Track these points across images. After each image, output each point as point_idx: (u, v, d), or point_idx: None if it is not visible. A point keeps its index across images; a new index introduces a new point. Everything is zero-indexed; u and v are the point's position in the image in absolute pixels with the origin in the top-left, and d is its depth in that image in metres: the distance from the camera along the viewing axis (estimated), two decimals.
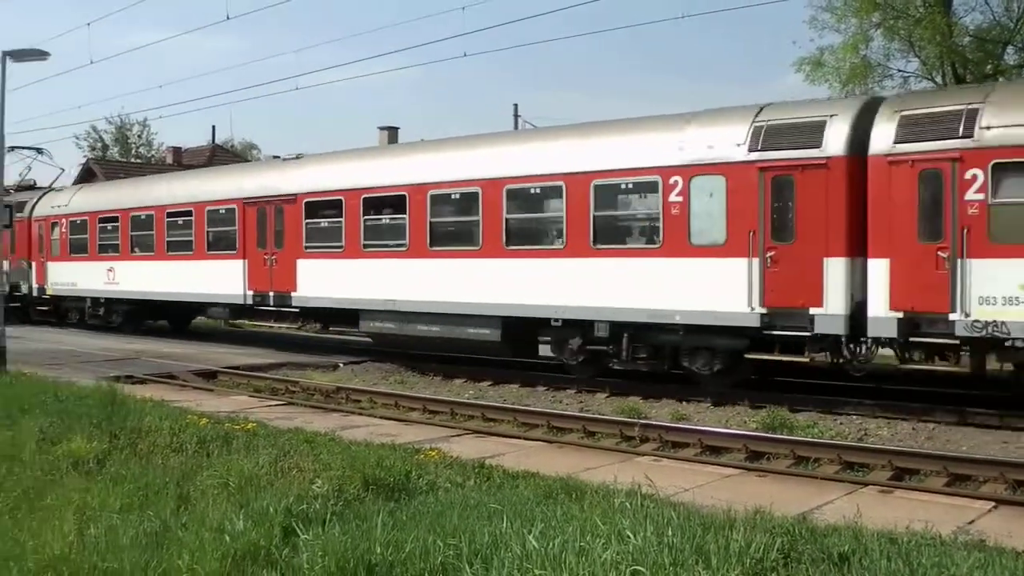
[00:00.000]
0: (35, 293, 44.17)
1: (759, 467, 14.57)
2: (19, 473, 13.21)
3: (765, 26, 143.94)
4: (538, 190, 24.12)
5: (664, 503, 10.04)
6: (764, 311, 19.74)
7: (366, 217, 27.71)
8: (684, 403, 20.44)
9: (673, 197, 21.05)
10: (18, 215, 44.41)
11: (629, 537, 8.20)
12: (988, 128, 17.31)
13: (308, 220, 29.44)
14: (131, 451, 14.18)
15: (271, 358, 28.75)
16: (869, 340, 19.38)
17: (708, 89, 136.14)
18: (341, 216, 28.32)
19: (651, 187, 21.57)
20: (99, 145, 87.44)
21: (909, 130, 18.28)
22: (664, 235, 21.29)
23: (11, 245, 42.90)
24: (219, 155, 72.11)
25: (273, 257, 30.65)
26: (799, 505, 11.29)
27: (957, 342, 17.94)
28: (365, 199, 27.68)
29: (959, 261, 17.45)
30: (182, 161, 69.12)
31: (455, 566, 8.09)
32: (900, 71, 44.25)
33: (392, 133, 55.27)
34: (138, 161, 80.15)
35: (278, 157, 34.64)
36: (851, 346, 19.84)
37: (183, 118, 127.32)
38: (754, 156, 20.00)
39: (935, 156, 17.84)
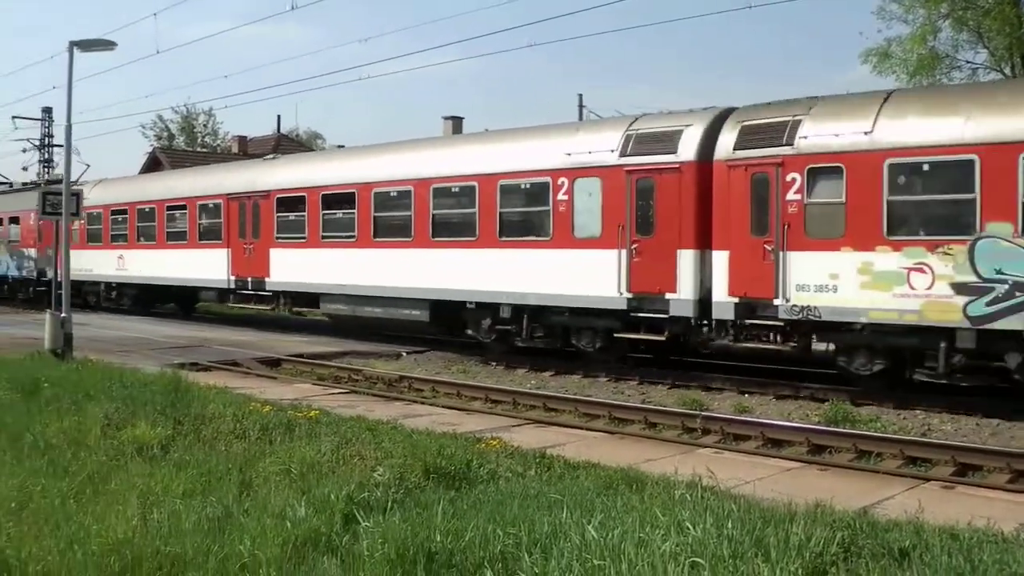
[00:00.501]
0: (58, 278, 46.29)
1: (821, 460, 14.48)
2: (84, 458, 13.33)
3: (816, 23, 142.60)
4: (457, 189, 27.71)
5: (724, 495, 10.01)
6: (631, 296, 23.24)
7: (324, 212, 31.89)
8: (746, 396, 20.41)
9: (560, 196, 24.75)
10: None
11: (689, 529, 8.19)
12: (805, 137, 20.35)
13: (279, 214, 33.82)
14: (195, 437, 14.29)
15: (334, 346, 28.96)
16: (714, 322, 22.15)
17: (759, 87, 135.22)
18: (304, 210, 32.70)
19: (544, 187, 25.17)
20: (165, 134, 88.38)
21: (746, 138, 21.45)
22: (553, 229, 24.90)
23: (38, 235, 48.24)
24: (284, 144, 72.46)
25: (251, 246, 35.10)
26: (860, 499, 11.23)
27: (782, 323, 20.92)
28: (323, 195, 31.93)
29: (781, 253, 20.53)
30: (247, 150, 69.53)
31: (514, 555, 8.11)
32: (968, 62, 43.82)
33: (457, 123, 55.06)
34: (204, 150, 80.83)
35: (341, 147, 36.71)
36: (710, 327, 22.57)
37: (249, 108, 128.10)
38: (623, 161, 23.53)
39: (764, 161, 20.93)
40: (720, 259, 21.65)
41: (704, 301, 22.02)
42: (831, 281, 19.93)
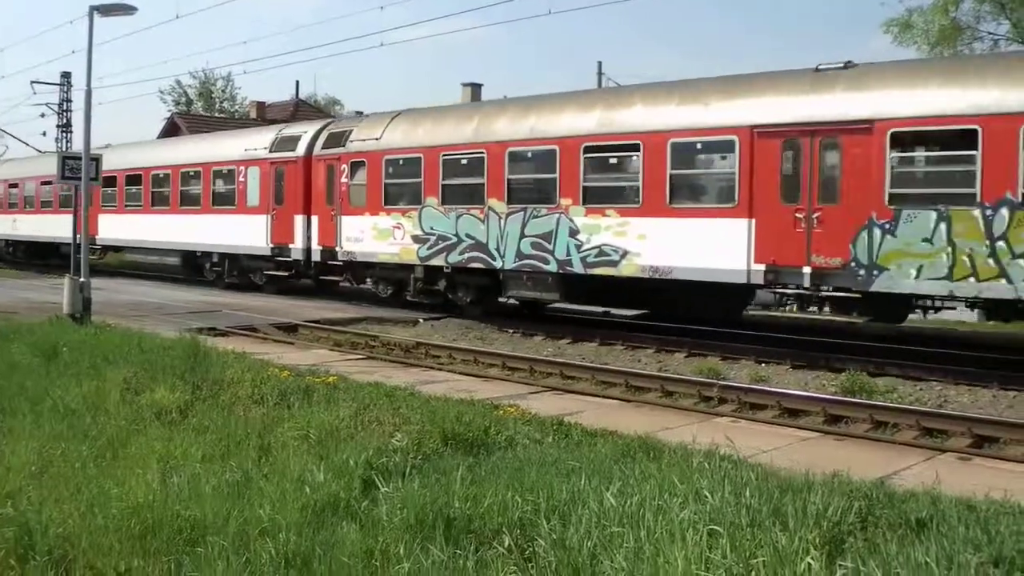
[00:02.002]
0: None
1: (837, 431, 14.46)
2: (104, 422, 13.45)
3: None
4: (192, 172, 39.81)
5: (742, 464, 10.00)
6: (272, 246, 35.01)
7: (127, 187, 44.47)
8: (763, 365, 20.38)
9: (240, 178, 36.50)
10: None
11: (707, 497, 8.23)
12: (352, 142, 31.59)
13: (103, 188, 42.85)
14: (213, 402, 14.38)
15: (351, 313, 29.03)
16: (313, 263, 33.68)
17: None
18: (116, 186, 44.57)
19: (232, 172, 36.84)
20: (183, 100, 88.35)
21: (327, 142, 33.17)
22: (237, 201, 36.69)
23: None
24: (302, 110, 72.37)
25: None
26: (877, 470, 11.21)
27: (341, 263, 32.27)
28: (126, 176, 44.24)
29: (338, 217, 31.89)
30: (265, 116, 69.42)
31: (532, 521, 8.16)
32: (991, 34, 43.62)
33: (475, 90, 54.81)
34: (222, 116, 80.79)
35: (363, 114, 41.45)
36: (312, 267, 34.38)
37: (267, 74, 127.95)
38: (270, 155, 35.42)
39: (332, 157, 32.53)
40: (314, 222, 33.27)
41: (309, 250, 33.52)
42: (361, 235, 31.00)
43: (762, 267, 20.97)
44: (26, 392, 15.29)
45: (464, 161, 27.61)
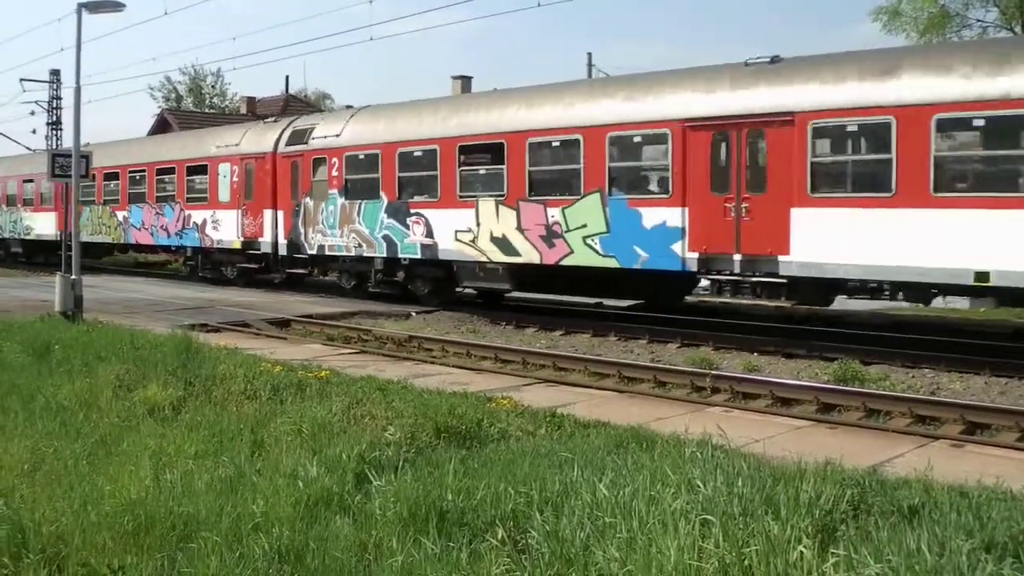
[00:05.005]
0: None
1: (830, 419, 14.44)
2: (97, 420, 13.42)
3: None
4: None
5: (734, 454, 9.98)
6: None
7: None
8: (756, 354, 20.40)
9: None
10: None
11: (699, 487, 8.22)
12: None
13: None
14: (206, 398, 14.36)
15: (344, 307, 28.92)
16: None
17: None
18: None
19: None
20: (173, 96, 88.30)
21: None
22: None
23: None
24: (293, 105, 72.33)
25: None
26: (869, 458, 11.22)
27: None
28: None
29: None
30: (256, 111, 69.38)
31: (525, 513, 8.16)
32: (979, 21, 43.57)
33: (466, 83, 54.82)
34: (212, 111, 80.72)
35: (349, 107, 41.81)
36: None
37: (257, 69, 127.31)
38: None
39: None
40: None
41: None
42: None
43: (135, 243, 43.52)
44: (18, 390, 15.24)
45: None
